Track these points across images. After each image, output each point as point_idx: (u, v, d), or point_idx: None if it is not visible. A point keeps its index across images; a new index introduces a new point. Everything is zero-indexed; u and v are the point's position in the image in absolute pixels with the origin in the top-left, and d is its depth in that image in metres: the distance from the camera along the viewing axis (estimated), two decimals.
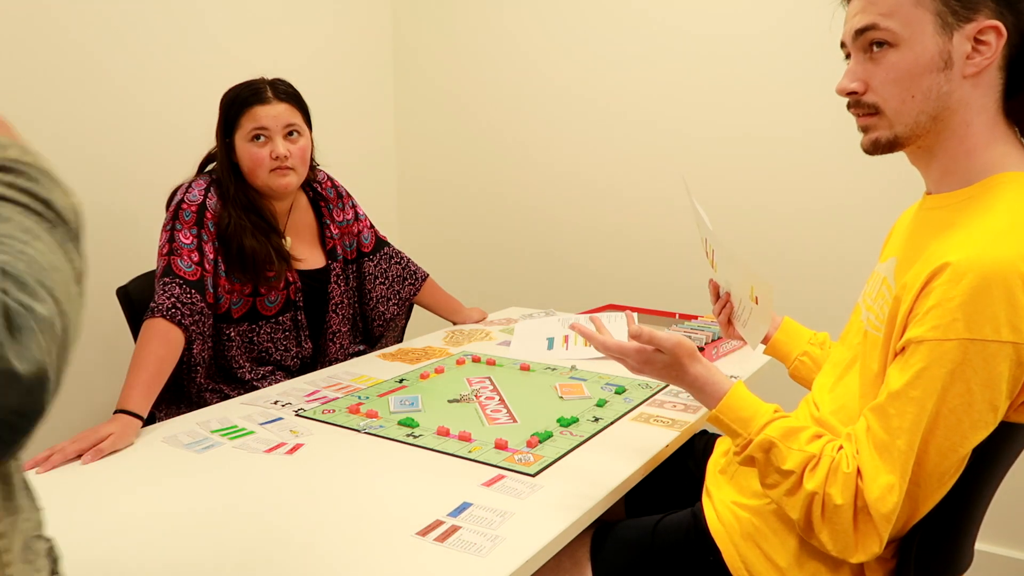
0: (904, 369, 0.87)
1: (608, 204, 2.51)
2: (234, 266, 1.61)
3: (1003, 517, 1.99)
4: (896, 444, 0.86)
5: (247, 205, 1.65)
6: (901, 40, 0.92)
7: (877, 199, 2.06)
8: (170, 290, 1.52)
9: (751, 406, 1.00)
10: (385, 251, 1.96)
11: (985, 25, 0.89)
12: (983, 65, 0.91)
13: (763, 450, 0.96)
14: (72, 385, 1.88)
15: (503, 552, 0.92)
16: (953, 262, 0.84)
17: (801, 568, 0.99)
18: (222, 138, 1.66)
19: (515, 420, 1.35)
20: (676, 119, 2.35)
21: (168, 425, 1.35)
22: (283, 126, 1.63)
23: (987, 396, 0.84)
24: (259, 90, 1.64)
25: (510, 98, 2.65)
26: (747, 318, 1.25)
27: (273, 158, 1.62)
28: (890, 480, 0.86)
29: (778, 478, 0.95)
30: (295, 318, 1.72)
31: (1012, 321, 0.81)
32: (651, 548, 1.11)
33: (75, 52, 1.86)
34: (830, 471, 0.90)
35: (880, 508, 0.87)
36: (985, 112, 0.93)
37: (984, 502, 1.00)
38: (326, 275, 1.80)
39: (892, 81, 0.93)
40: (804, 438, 0.95)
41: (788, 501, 0.94)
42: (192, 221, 1.59)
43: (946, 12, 0.90)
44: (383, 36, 2.82)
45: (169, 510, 1.04)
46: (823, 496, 0.90)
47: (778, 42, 2.16)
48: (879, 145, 0.98)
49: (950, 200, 0.96)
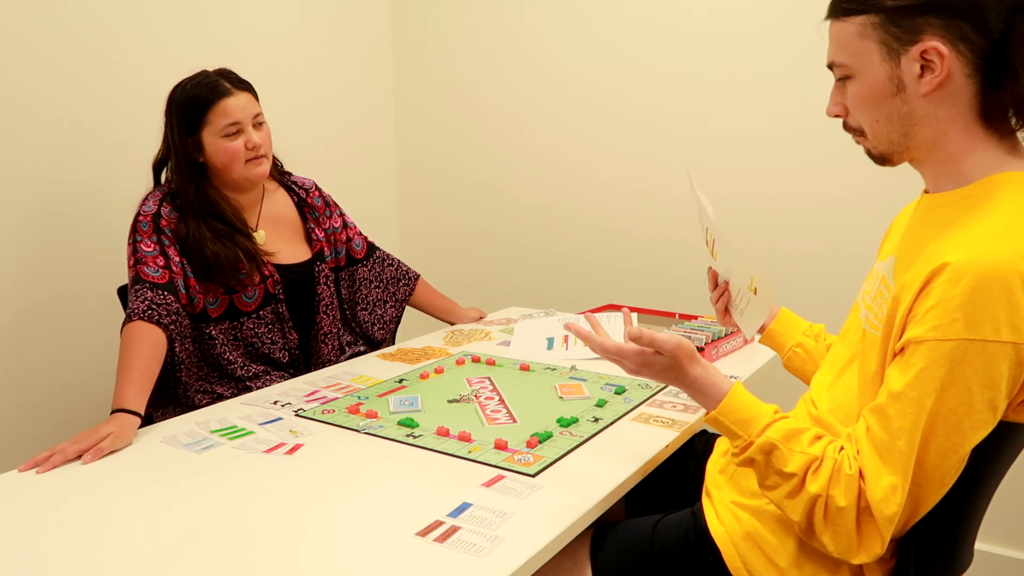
0: (904, 369, 0.87)
1: (608, 204, 2.51)
2: (201, 275, 1.61)
3: (1003, 517, 1.99)
4: (897, 445, 0.86)
5: (208, 209, 1.64)
6: (855, 72, 0.97)
7: (879, 194, 2.05)
8: (142, 295, 1.52)
9: (751, 407, 0.99)
10: (377, 255, 1.97)
11: (927, 46, 0.90)
12: (936, 82, 0.92)
13: (764, 452, 0.95)
14: (72, 385, 1.89)
15: (503, 553, 0.92)
16: (952, 262, 0.84)
17: (801, 568, 0.99)
18: (181, 138, 1.62)
19: (515, 420, 1.35)
20: (677, 117, 2.35)
21: (167, 425, 1.35)
22: (251, 116, 1.65)
23: (987, 396, 0.84)
24: (217, 84, 1.62)
25: (510, 97, 2.65)
26: (744, 307, 1.27)
27: (249, 148, 1.63)
28: (892, 481, 0.86)
29: (778, 480, 0.94)
30: (276, 311, 1.70)
31: (1012, 321, 0.82)
32: (651, 548, 1.11)
33: (75, 52, 1.85)
34: (833, 473, 0.90)
35: (884, 510, 0.87)
36: (960, 119, 0.94)
37: (984, 502, 1.00)
38: (310, 270, 1.79)
39: (858, 109, 0.99)
40: (806, 440, 0.94)
41: (789, 503, 0.94)
42: (150, 231, 1.58)
43: (889, 39, 0.93)
44: (383, 35, 2.82)
45: (169, 510, 1.04)
46: (826, 499, 0.90)
47: (778, 41, 2.16)
48: (874, 159, 1.03)
49: (948, 199, 0.96)
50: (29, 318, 1.83)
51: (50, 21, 1.80)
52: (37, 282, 1.84)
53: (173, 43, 2.06)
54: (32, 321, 1.83)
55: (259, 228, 1.73)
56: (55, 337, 1.88)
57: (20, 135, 1.77)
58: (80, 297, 1.91)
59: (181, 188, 1.63)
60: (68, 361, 1.90)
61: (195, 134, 1.62)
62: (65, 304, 1.89)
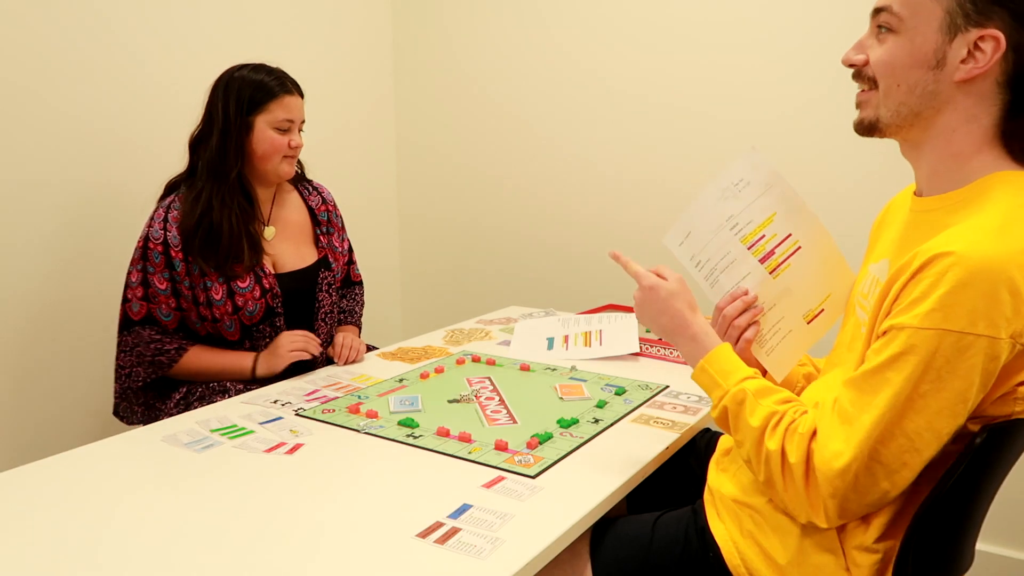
0: (881, 351, 0.89)
1: (609, 203, 2.51)
2: (203, 247, 1.60)
3: (1003, 517, 1.99)
4: (860, 418, 0.88)
5: (245, 188, 1.67)
6: (904, 28, 0.93)
7: (879, 195, 2.05)
8: (156, 342, 1.61)
9: (735, 362, 1.05)
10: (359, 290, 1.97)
11: (987, 32, 0.89)
12: (974, 73, 0.91)
13: (737, 402, 1.00)
14: (72, 385, 1.89)
15: (503, 554, 0.92)
16: (944, 254, 0.85)
17: (800, 566, 0.99)
18: (239, 115, 1.64)
19: (515, 421, 1.34)
20: (678, 116, 2.35)
21: (167, 424, 1.35)
22: (301, 120, 1.72)
23: (957, 386, 0.85)
24: (284, 79, 1.68)
25: (510, 96, 2.64)
26: (776, 344, 1.12)
27: (292, 147, 1.69)
28: (843, 447, 0.88)
29: (746, 434, 0.98)
30: (274, 323, 1.69)
31: (989, 315, 0.82)
32: (650, 544, 1.11)
33: (74, 53, 1.85)
34: (787, 430, 0.94)
35: (824, 469, 0.89)
36: (975, 122, 0.93)
37: (985, 502, 1.00)
38: (314, 275, 1.78)
39: (886, 66, 0.96)
40: (776, 398, 0.99)
41: (755, 459, 0.98)
42: (162, 264, 1.60)
43: (958, 12, 0.90)
44: (383, 33, 2.81)
45: (168, 510, 1.04)
46: (781, 453, 0.94)
47: (779, 39, 2.16)
48: (863, 125, 1.00)
49: (943, 203, 0.96)
50: (51, 317, 1.84)
51: (64, 22, 1.80)
52: (58, 282, 1.85)
53: (173, 43, 2.06)
54: (55, 320, 1.85)
55: (269, 223, 1.75)
56: (75, 335, 1.89)
57: (38, 136, 1.78)
58: (98, 297, 1.91)
59: (225, 164, 1.63)
60: (83, 360, 1.91)
61: (250, 116, 1.65)
62: (84, 304, 1.90)
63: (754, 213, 1.09)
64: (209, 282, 1.61)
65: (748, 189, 1.09)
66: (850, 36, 1.05)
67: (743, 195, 1.09)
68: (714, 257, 1.13)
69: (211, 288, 1.61)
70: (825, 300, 1.11)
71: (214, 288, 1.62)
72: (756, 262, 1.10)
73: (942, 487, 0.90)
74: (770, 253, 1.10)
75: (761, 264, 1.11)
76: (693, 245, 1.13)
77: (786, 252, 1.10)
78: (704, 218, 1.12)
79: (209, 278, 1.61)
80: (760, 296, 1.13)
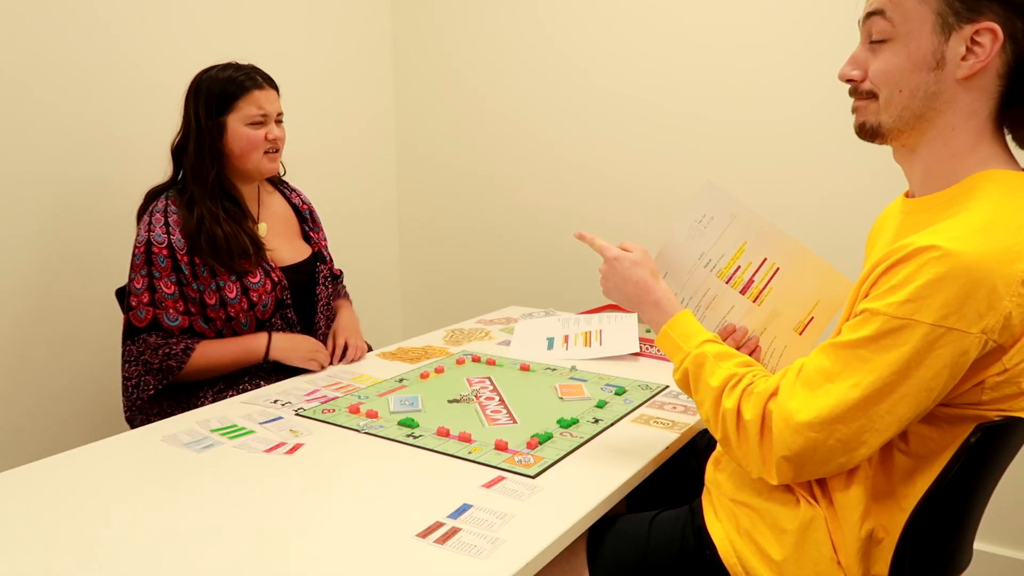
0: (854, 330, 0.90)
1: (609, 203, 2.51)
2: (208, 255, 1.60)
3: (1002, 517, 1.99)
4: (824, 390, 0.90)
5: (226, 190, 1.67)
6: (898, 35, 0.94)
7: (880, 191, 2.05)
8: (165, 346, 1.59)
9: (696, 327, 1.09)
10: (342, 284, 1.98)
11: (982, 27, 0.89)
12: (976, 68, 0.91)
13: (697, 364, 1.04)
14: (71, 385, 1.89)
15: (503, 554, 0.92)
16: (927, 247, 0.85)
17: (796, 563, 0.99)
18: (208, 118, 1.64)
19: (515, 421, 1.35)
20: (679, 115, 2.35)
21: (168, 424, 1.35)
22: (276, 113, 1.71)
23: (924, 375, 0.86)
24: (252, 74, 1.68)
25: (510, 96, 2.64)
26: (776, 362, 1.13)
27: (269, 140, 1.68)
28: (799, 409, 0.90)
29: (705, 394, 1.02)
30: (285, 315, 1.71)
31: (961, 310, 0.83)
32: (647, 542, 1.11)
33: (74, 53, 1.85)
34: (744, 391, 0.98)
35: (781, 428, 0.91)
36: (974, 117, 0.94)
37: (981, 501, 1.00)
38: (312, 268, 1.80)
39: (885, 75, 0.96)
40: (736, 361, 1.03)
41: (713, 419, 1.01)
42: (168, 268, 1.59)
43: (947, 12, 0.91)
44: (383, 34, 2.81)
45: (168, 510, 1.04)
46: (737, 411, 0.97)
47: (779, 40, 2.16)
48: (865, 129, 1.00)
49: (932, 203, 0.96)
50: (43, 315, 1.84)
51: (57, 17, 1.80)
52: (49, 279, 1.84)
53: (173, 43, 2.06)
54: (47, 318, 1.84)
55: (260, 220, 1.75)
56: (68, 333, 1.88)
57: (28, 132, 1.77)
58: (91, 294, 1.91)
59: (203, 169, 1.64)
60: (77, 359, 1.90)
61: (220, 117, 1.65)
62: (76, 301, 1.89)
63: (725, 246, 1.11)
64: (222, 281, 1.61)
65: (713, 224, 1.10)
66: (850, 37, 1.05)
67: (709, 231, 1.11)
68: (696, 295, 1.16)
69: (224, 287, 1.62)
70: (814, 308, 1.11)
71: (227, 287, 1.62)
72: (737, 294, 1.12)
73: (938, 486, 0.91)
74: (749, 282, 1.11)
75: (742, 295, 1.12)
76: (673, 284, 1.16)
77: (765, 277, 1.11)
78: (678, 258, 1.14)
79: (221, 278, 1.61)
80: (749, 326, 1.16)
